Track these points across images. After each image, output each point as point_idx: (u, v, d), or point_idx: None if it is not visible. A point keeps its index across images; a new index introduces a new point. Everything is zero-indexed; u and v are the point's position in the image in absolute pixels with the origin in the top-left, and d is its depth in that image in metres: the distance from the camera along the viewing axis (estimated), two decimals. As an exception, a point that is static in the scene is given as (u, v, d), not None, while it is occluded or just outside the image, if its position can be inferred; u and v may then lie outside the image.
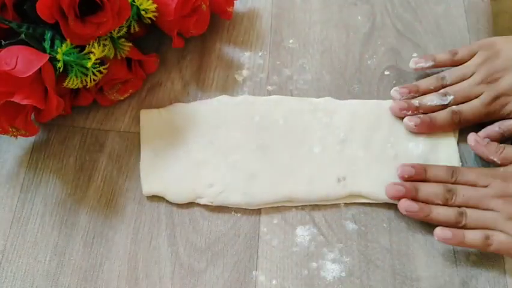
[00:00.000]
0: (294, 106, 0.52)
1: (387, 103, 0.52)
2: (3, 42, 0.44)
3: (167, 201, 0.48)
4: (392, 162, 0.49)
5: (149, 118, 0.51)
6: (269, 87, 0.54)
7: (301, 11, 0.59)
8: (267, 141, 0.50)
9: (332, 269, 0.45)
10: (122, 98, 0.52)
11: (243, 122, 0.51)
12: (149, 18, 0.49)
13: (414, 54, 0.56)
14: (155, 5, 0.48)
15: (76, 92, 0.49)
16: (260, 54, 0.56)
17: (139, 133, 0.51)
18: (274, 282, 0.45)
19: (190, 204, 0.48)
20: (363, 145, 0.50)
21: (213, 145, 0.49)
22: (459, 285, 0.44)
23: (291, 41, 0.57)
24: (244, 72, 0.55)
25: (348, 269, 0.45)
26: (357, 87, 0.54)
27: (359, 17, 0.59)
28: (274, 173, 0.48)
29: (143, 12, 0.49)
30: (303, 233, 0.47)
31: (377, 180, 0.48)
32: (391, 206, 0.47)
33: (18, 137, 0.45)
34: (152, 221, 0.47)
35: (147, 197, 0.48)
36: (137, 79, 0.52)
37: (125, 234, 0.46)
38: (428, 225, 0.46)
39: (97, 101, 0.51)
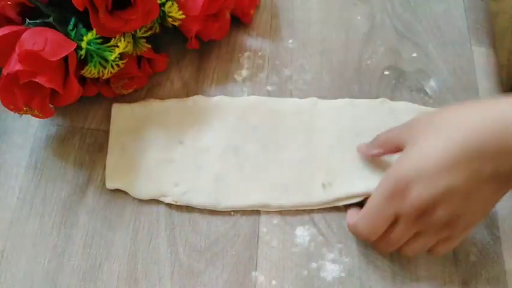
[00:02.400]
0: (274, 107, 0.51)
1: (376, 102, 0.52)
2: (27, 21, 0.44)
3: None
4: (382, 163, 0.48)
5: (120, 112, 0.51)
6: (269, 87, 0.54)
7: (300, 11, 0.59)
8: (239, 143, 0.49)
9: (331, 269, 0.45)
10: (125, 93, 0.52)
11: (216, 123, 0.50)
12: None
13: (414, 54, 0.56)
14: (183, 16, 0.49)
15: (82, 82, 0.49)
16: (260, 54, 0.56)
17: (138, 133, 0.51)
18: (273, 282, 0.45)
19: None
20: (353, 147, 0.49)
21: (182, 144, 0.49)
22: (459, 286, 0.44)
23: (290, 41, 0.57)
24: (244, 72, 0.55)
25: (348, 269, 0.45)
26: (356, 87, 0.54)
27: (359, 17, 0.59)
28: (245, 176, 0.48)
29: (170, 19, 0.49)
30: (302, 233, 0.47)
31: (369, 180, 0.47)
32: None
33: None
34: (151, 222, 0.47)
35: (146, 197, 0.48)
36: (144, 76, 0.52)
37: (124, 234, 0.46)
38: (428, 226, 0.47)
39: (101, 92, 0.51)
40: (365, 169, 0.48)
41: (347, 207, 0.47)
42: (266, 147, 0.49)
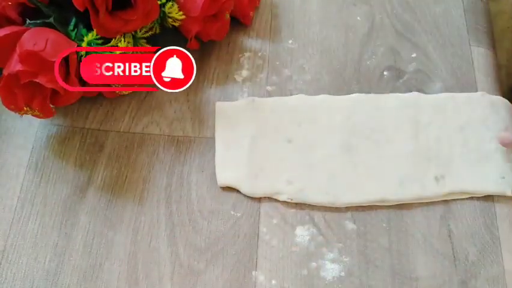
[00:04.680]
0: (380, 104, 0.51)
1: (476, 95, 0.52)
2: (27, 21, 0.44)
3: (166, 201, 0.48)
4: (494, 155, 0.48)
5: (223, 110, 0.51)
6: (268, 88, 0.54)
7: (300, 11, 0.59)
8: (350, 141, 0.49)
9: (331, 269, 0.45)
10: (126, 93, 0.52)
11: (323, 122, 0.50)
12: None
13: (414, 54, 0.56)
14: (183, 17, 0.49)
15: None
16: (259, 54, 0.56)
17: (138, 133, 0.51)
18: (273, 282, 0.45)
19: (190, 204, 0.48)
20: (459, 141, 0.49)
21: (291, 143, 0.49)
22: (458, 285, 0.45)
23: (290, 41, 0.57)
24: (244, 73, 0.55)
25: (348, 268, 0.45)
26: (356, 87, 0.54)
27: (358, 18, 0.59)
28: (359, 173, 0.48)
29: (170, 20, 0.49)
30: (302, 233, 0.47)
31: (481, 175, 0.47)
32: (390, 206, 0.48)
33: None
34: (152, 221, 0.47)
35: (147, 197, 0.48)
36: None
37: (124, 234, 0.46)
38: (427, 225, 0.47)
39: (101, 92, 0.51)
40: (474, 163, 0.48)
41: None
42: (375, 143, 0.49)
